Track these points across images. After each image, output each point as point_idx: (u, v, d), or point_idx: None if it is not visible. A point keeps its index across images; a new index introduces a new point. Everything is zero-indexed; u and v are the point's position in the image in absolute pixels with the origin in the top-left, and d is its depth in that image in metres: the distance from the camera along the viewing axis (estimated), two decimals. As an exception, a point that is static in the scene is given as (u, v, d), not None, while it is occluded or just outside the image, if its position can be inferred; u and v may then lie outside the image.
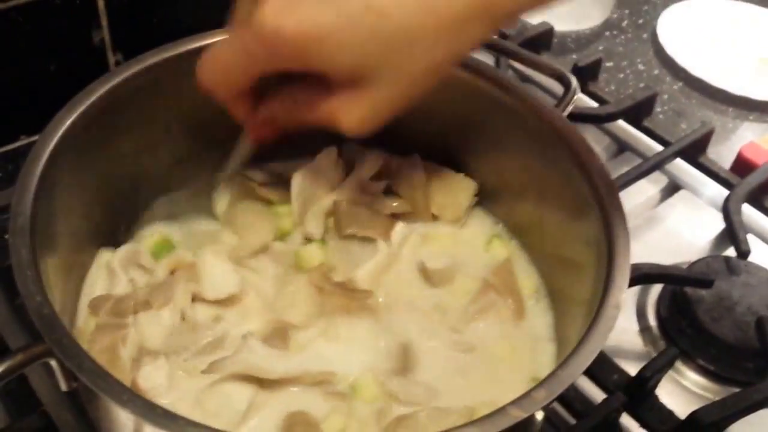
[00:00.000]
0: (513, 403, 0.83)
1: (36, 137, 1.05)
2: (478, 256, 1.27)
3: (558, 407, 1.18)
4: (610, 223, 1.02)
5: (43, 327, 0.86)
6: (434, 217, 1.30)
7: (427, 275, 1.22)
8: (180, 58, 1.18)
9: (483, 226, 1.32)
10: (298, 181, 1.24)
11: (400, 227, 1.24)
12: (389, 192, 1.30)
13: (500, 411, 0.83)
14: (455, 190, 1.30)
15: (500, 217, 1.31)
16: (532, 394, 0.85)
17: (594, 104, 1.71)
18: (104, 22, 1.49)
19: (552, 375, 0.87)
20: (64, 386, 0.95)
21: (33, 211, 0.96)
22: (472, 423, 0.82)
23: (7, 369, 0.86)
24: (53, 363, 0.90)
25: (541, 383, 0.86)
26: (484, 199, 1.31)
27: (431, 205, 1.29)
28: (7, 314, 1.27)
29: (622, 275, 0.97)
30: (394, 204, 1.29)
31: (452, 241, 1.28)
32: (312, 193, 1.25)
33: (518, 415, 0.82)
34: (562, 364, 0.88)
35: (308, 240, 1.24)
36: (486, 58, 1.43)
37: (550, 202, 1.19)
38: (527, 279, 1.24)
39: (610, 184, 1.06)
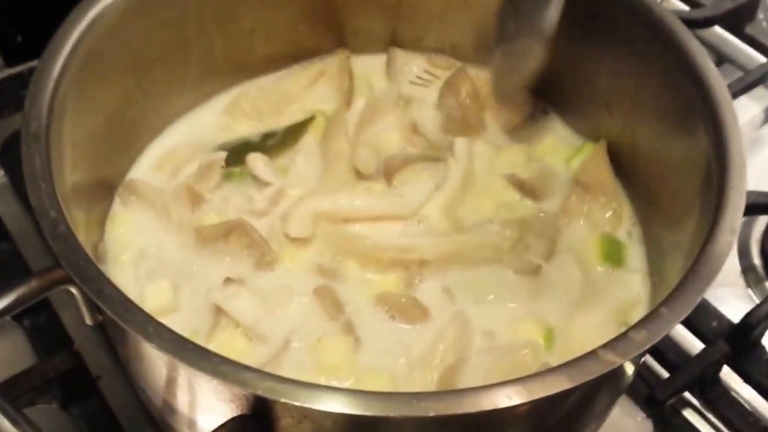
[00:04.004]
0: (606, 346, 0.73)
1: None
2: (559, 172, 1.21)
3: (648, 358, 1.07)
4: (723, 139, 0.91)
5: (59, 248, 0.77)
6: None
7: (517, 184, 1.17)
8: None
9: (563, 141, 1.25)
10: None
11: (461, 141, 1.19)
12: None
13: (591, 355, 0.72)
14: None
15: (584, 134, 1.23)
16: (630, 335, 0.74)
17: (686, 7, 1.56)
18: None
19: (653, 314, 0.77)
20: (88, 319, 0.88)
21: (48, 116, 0.87)
22: (560, 368, 0.73)
23: (20, 297, 0.78)
24: (75, 291, 0.82)
25: (641, 323, 0.76)
26: (564, 111, 1.24)
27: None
28: (32, 234, 1.19)
29: (736, 202, 0.87)
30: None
31: (526, 156, 1.22)
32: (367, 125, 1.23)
33: (613, 361, 0.71)
34: (664, 302, 0.77)
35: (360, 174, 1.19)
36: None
37: (646, 114, 1.08)
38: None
39: (725, 92, 0.94)
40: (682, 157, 0.99)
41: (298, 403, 0.71)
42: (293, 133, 1.24)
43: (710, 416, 1.09)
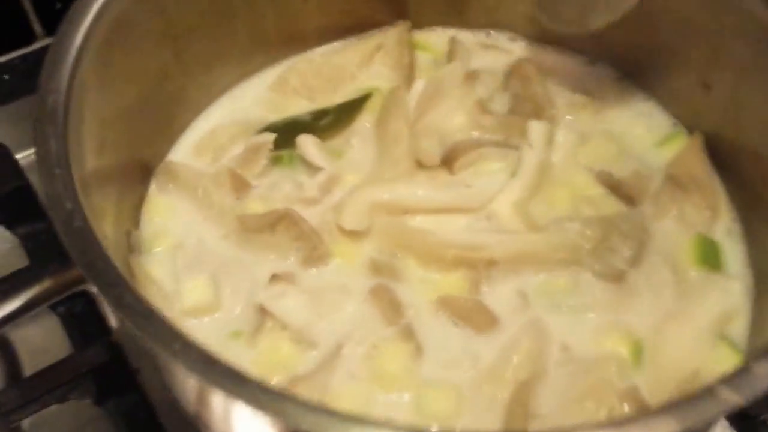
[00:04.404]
0: (726, 382, 0.60)
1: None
2: (649, 157, 1.11)
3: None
4: None
5: (73, 244, 0.67)
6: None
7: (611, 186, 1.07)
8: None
9: (652, 125, 1.14)
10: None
11: (537, 126, 1.08)
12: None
13: (706, 394, 0.60)
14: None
15: (678, 115, 1.12)
16: (754, 369, 0.61)
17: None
18: None
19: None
20: (113, 320, 0.77)
21: (68, 91, 0.77)
22: (668, 409, 0.60)
23: (30, 300, 0.68)
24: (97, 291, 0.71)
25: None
26: (654, 89, 1.14)
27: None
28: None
29: None
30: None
31: (616, 148, 1.10)
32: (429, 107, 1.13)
33: (734, 401, 0.59)
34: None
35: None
36: None
37: (756, 98, 0.97)
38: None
39: None
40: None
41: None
42: (347, 112, 1.14)
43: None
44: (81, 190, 0.73)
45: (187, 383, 0.73)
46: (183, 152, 1.11)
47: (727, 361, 0.91)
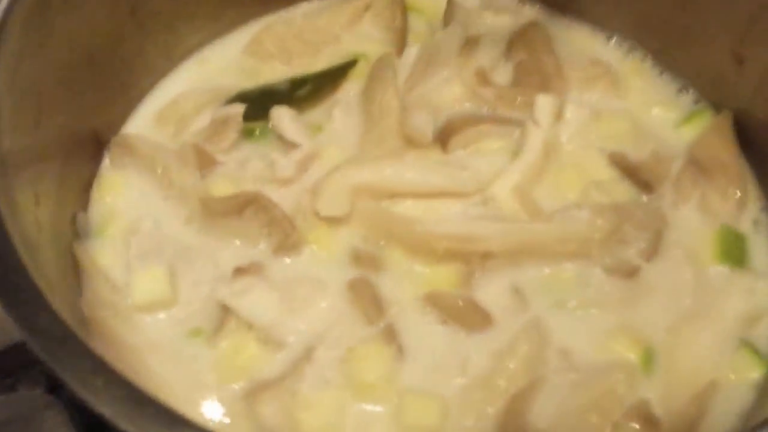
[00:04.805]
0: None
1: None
2: (669, 137, 1.03)
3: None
4: None
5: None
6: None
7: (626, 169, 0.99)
8: None
9: (676, 100, 1.06)
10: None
11: (544, 100, 1.00)
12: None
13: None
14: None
15: (703, 91, 1.04)
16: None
17: None
18: None
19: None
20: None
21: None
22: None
23: None
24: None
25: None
26: (675, 62, 1.06)
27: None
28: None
29: None
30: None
31: (632, 127, 1.03)
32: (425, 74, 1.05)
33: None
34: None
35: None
36: None
37: None
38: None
39: None
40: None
41: None
42: (329, 80, 1.06)
43: None
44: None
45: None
46: (142, 123, 1.04)
47: (750, 370, 0.85)
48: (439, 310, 0.88)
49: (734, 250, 0.94)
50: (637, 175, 0.97)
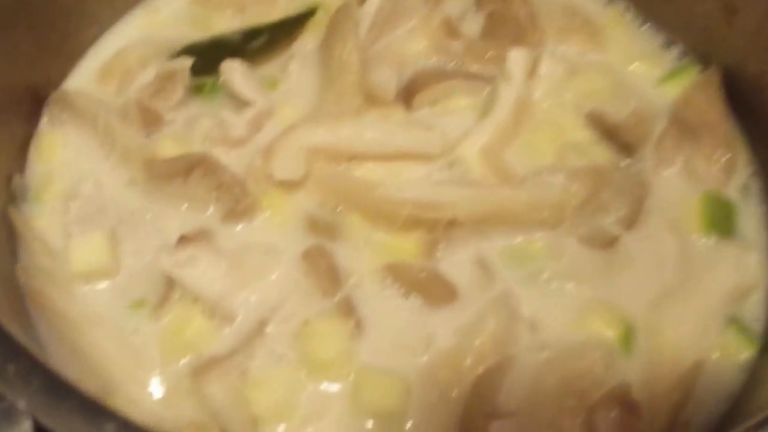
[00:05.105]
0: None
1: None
2: (652, 95, 0.98)
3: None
4: None
5: None
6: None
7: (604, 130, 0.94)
8: None
9: (660, 54, 1.01)
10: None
11: (517, 54, 0.95)
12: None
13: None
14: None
15: (689, 45, 0.99)
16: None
17: None
18: None
19: None
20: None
21: None
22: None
23: None
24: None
25: None
26: (662, 14, 1.01)
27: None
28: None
29: None
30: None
31: (611, 83, 0.98)
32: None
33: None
34: None
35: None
36: None
37: None
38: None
39: None
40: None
41: None
42: (285, 31, 1.01)
43: None
44: None
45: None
46: (83, 79, 0.98)
47: (738, 350, 0.81)
48: (400, 282, 0.83)
49: (721, 219, 0.90)
50: (616, 136, 0.92)
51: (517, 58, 0.94)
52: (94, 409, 0.55)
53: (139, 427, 0.56)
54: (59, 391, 0.56)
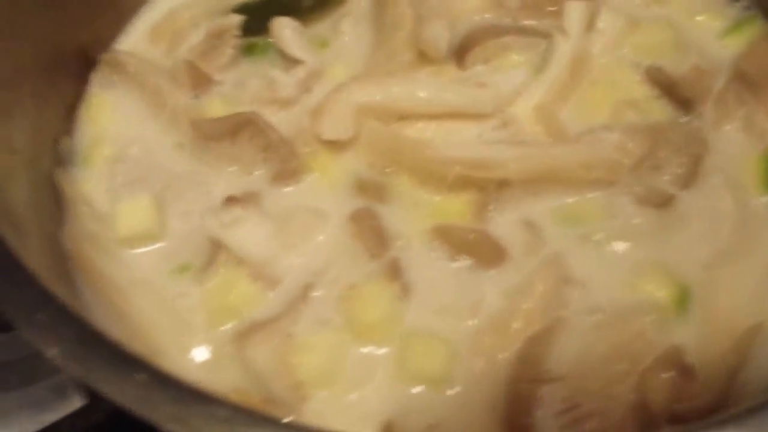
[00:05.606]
0: None
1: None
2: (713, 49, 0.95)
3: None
4: None
5: None
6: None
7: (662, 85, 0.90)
8: None
9: (723, 6, 0.98)
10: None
11: (575, 7, 0.92)
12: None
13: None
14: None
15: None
16: None
17: None
18: None
19: None
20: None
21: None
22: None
23: None
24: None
25: None
26: None
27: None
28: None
29: None
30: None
31: (668, 31, 0.95)
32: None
33: None
34: None
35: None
36: None
37: None
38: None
39: None
40: None
41: None
42: None
43: None
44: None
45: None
46: (133, 39, 0.98)
47: None
48: (448, 244, 0.82)
49: (783, 179, 0.86)
50: (675, 92, 0.89)
51: (574, 11, 0.92)
52: (125, 358, 0.55)
53: (170, 378, 0.56)
54: (90, 340, 0.56)
